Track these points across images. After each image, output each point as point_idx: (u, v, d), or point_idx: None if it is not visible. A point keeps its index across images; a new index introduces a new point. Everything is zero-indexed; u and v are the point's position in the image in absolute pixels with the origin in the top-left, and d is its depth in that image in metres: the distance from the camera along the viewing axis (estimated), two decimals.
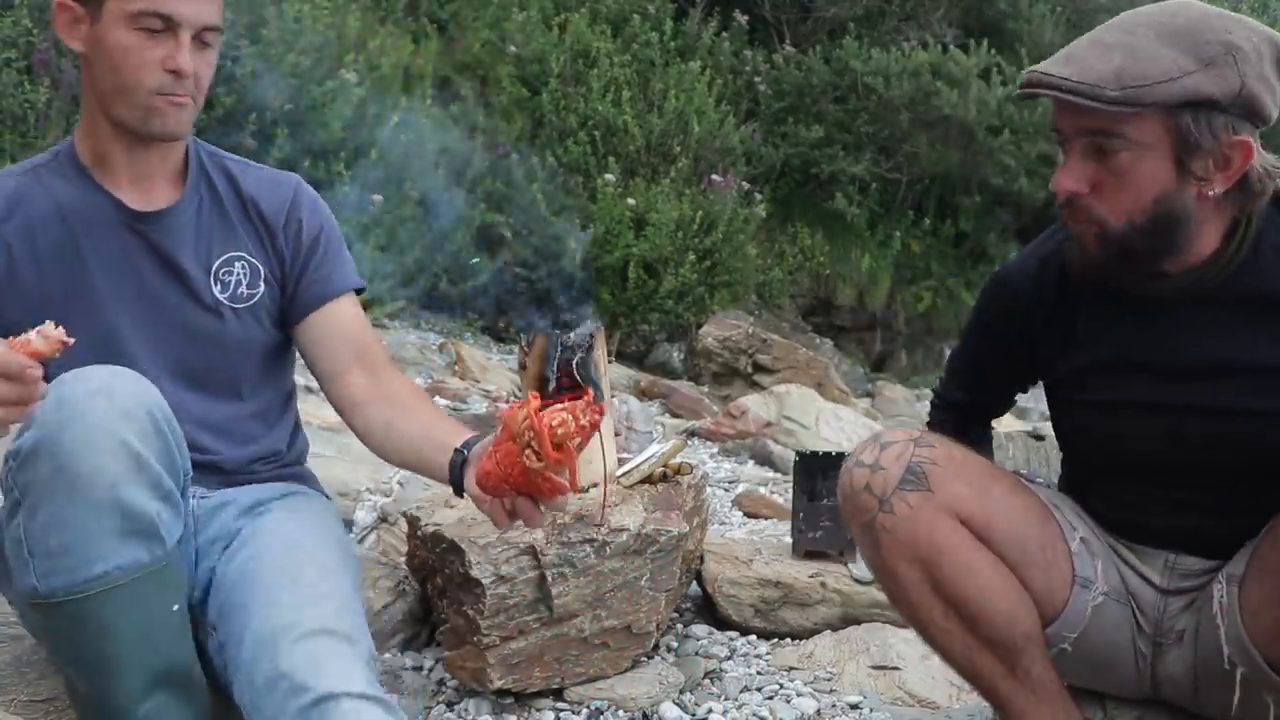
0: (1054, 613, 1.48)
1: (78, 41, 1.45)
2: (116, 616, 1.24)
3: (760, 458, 4.42)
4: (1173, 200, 1.32)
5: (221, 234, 1.58)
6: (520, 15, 7.60)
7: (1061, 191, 1.35)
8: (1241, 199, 1.35)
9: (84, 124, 1.51)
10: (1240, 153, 1.30)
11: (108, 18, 1.42)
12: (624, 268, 6.70)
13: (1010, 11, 9.44)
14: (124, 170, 1.52)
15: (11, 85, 4.65)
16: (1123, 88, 1.25)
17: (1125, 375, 1.45)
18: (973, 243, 9.39)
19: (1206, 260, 1.37)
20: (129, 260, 1.52)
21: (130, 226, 1.52)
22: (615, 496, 1.98)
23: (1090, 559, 1.50)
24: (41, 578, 1.22)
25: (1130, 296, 1.44)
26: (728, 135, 7.64)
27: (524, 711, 1.88)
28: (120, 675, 1.25)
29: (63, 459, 1.20)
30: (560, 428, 1.22)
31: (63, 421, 1.21)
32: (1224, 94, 1.26)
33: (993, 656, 1.45)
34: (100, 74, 1.45)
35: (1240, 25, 1.30)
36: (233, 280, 1.57)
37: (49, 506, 1.21)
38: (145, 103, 1.45)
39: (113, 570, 1.23)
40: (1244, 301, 1.37)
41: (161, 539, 1.27)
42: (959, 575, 1.41)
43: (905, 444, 1.46)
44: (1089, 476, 1.57)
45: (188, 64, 1.45)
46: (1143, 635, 1.49)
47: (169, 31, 1.43)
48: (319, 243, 1.64)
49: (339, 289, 1.65)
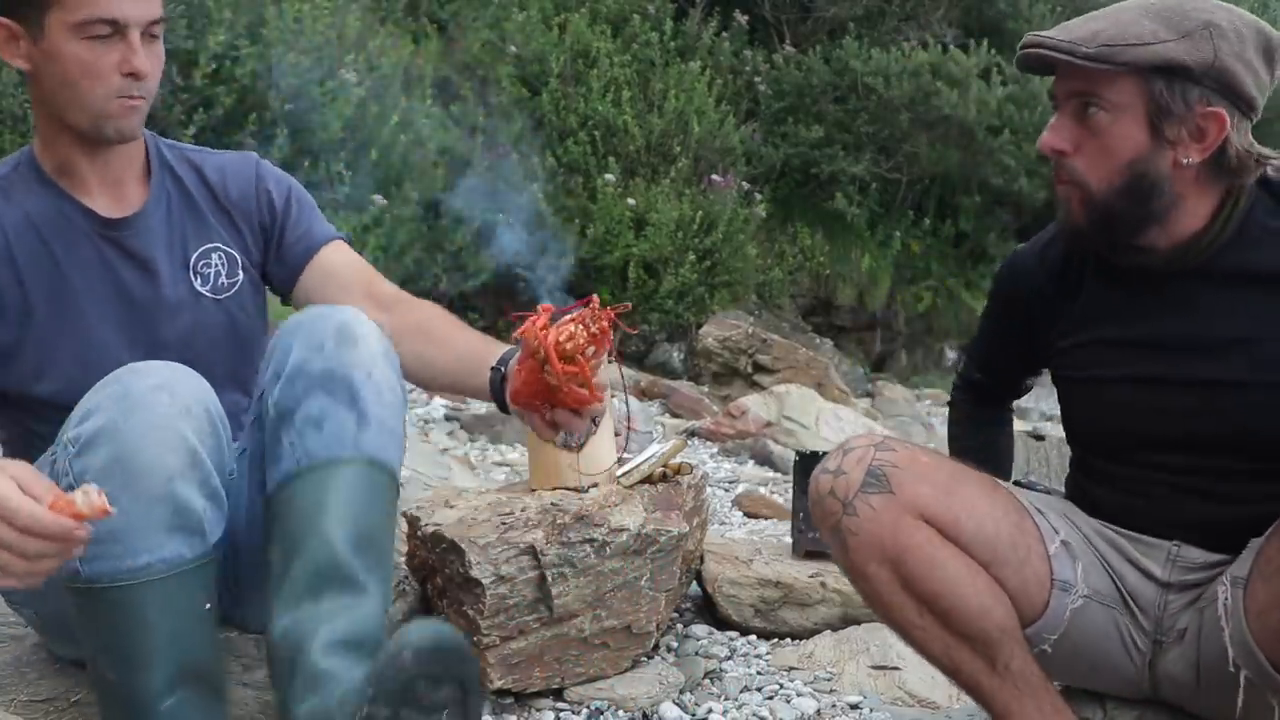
0: (1033, 614, 1.49)
1: (19, 59, 1.42)
2: (153, 609, 1.25)
3: (760, 458, 4.43)
4: (1147, 164, 1.38)
5: (194, 227, 1.58)
6: (520, 15, 7.60)
7: (1045, 147, 1.44)
8: (1224, 177, 1.41)
9: (41, 135, 1.49)
10: (1214, 125, 1.36)
11: (52, 31, 1.39)
12: (624, 268, 6.70)
13: (1010, 11, 9.44)
14: (91, 176, 1.50)
15: (11, 85, 4.64)
16: (1098, 46, 1.34)
17: (1116, 351, 1.49)
18: (973, 243, 9.39)
19: (1194, 236, 1.43)
20: (106, 267, 1.51)
21: (103, 235, 1.51)
22: (615, 496, 1.98)
23: (1071, 562, 1.51)
24: (86, 562, 1.22)
25: (1123, 273, 1.49)
26: (728, 135, 7.64)
27: (524, 711, 1.88)
28: (149, 668, 1.25)
29: (122, 449, 1.22)
30: (568, 342, 1.21)
31: (126, 413, 1.23)
32: (1196, 64, 1.33)
33: (971, 651, 1.47)
34: (52, 87, 1.42)
35: (1226, 10, 1.37)
36: (211, 272, 1.57)
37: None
38: (102, 109, 1.43)
39: (156, 562, 1.24)
40: (1231, 277, 1.42)
41: (204, 536, 1.28)
42: (927, 571, 1.43)
43: (866, 449, 1.49)
44: (1091, 461, 1.58)
45: (145, 65, 1.43)
46: (1141, 634, 1.50)
47: (117, 34, 1.40)
48: (290, 204, 1.64)
49: (321, 239, 1.65)
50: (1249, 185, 1.42)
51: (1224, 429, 1.42)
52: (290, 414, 1.35)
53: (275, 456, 1.37)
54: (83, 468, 1.22)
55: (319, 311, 1.43)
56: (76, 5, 1.37)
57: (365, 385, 1.36)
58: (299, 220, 1.65)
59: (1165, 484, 1.48)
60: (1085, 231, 1.45)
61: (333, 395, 1.35)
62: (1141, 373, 1.47)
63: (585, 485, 2.00)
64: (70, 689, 1.48)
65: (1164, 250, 1.44)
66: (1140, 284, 1.48)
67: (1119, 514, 1.54)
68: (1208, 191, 1.42)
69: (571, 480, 2.00)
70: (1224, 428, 1.42)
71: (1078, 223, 1.45)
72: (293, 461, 1.34)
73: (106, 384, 1.27)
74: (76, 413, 1.27)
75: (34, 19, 1.39)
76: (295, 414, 1.35)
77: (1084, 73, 1.37)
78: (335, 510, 1.32)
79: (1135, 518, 1.52)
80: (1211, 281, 1.43)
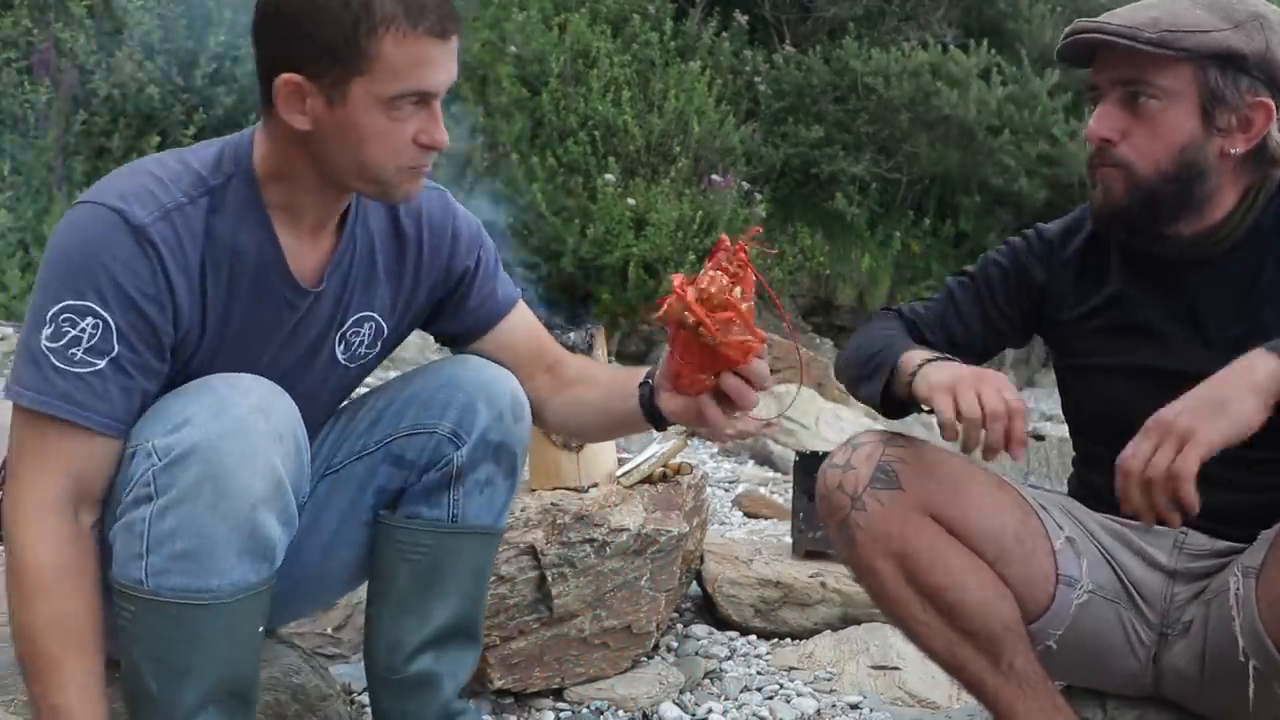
0: (1038, 610, 1.49)
1: (302, 118, 1.25)
2: (211, 629, 1.23)
3: (760, 458, 4.43)
4: (1197, 151, 1.41)
5: (361, 291, 1.43)
6: (520, 15, 7.60)
7: (1094, 137, 1.44)
8: (1259, 168, 1.44)
9: (279, 167, 1.31)
10: (1262, 114, 1.39)
11: (355, 101, 1.23)
12: (624, 268, 6.70)
13: (1010, 11, 9.44)
14: (309, 218, 1.35)
15: (11, 85, 4.65)
16: (1159, 32, 1.36)
17: (1120, 339, 1.51)
18: (973, 243, 9.38)
19: (1213, 226, 1.45)
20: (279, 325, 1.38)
21: (288, 300, 1.36)
22: (615, 496, 1.98)
23: (1076, 558, 1.51)
24: (153, 574, 1.20)
25: (1137, 262, 1.50)
26: (728, 135, 7.64)
27: (524, 711, 1.88)
28: (193, 682, 1.24)
29: (216, 470, 1.18)
30: (711, 287, 1.14)
31: (223, 434, 1.19)
32: (1251, 53, 1.37)
33: (974, 649, 1.47)
34: (335, 154, 1.27)
35: (1269, 5, 1.41)
36: (357, 341, 1.46)
37: (187, 510, 1.19)
38: (392, 179, 1.29)
39: (225, 585, 1.22)
40: (1240, 272, 1.44)
41: (272, 563, 1.27)
42: (932, 566, 1.44)
43: (875, 444, 1.49)
44: (1095, 450, 1.58)
45: (445, 137, 1.29)
46: (1146, 627, 1.50)
47: (422, 104, 1.26)
48: (479, 267, 1.52)
49: (504, 307, 1.56)
50: (1272, 181, 1.45)
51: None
52: (465, 474, 1.47)
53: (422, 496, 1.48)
54: (169, 481, 1.18)
55: (496, 373, 1.50)
56: (391, 77, 1.22)
57: (521, 460, 1.52)
58: (484, 283, 1.53)
59: None
60: (1126, 213, 1.45)
61: (499, 465, 1.48)
62: (1143, 362, 1.48)
63: (585, 485, 2.00)
64: None
65: (1185, 239, 1.45)
66: (1152, 274, 1.49)
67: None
68: (1239, 182, 1.44)
69: (571, 480, 2.00)
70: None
71: (1119, 204, 1.45)
72: (446, 513, 1.47)
73: (201, 391, 1.22)
74: (167, 415, 1.21)
75: (335, 82, 1.22)
76: (469, 476, 1.47)
77: (1136, 59, 1.38)
78: (481, 573, 1.53)
79: None
80: (1221, 275, 1.45)
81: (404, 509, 1.48)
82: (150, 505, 1.20)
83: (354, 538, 1.50)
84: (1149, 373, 1.47)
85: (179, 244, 1.25)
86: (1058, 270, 1.58)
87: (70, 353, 1.20)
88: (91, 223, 1.23)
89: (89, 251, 1.21)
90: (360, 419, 1.51)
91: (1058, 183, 8.44)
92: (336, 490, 1.49)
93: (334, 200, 1.36)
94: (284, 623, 1.65)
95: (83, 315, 1.21)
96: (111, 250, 1.21)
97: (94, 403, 1.21)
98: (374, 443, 1.49)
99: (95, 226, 1.22)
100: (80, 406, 1.21)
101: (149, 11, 5.63)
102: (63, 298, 1.20)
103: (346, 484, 1.49)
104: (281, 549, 1.28)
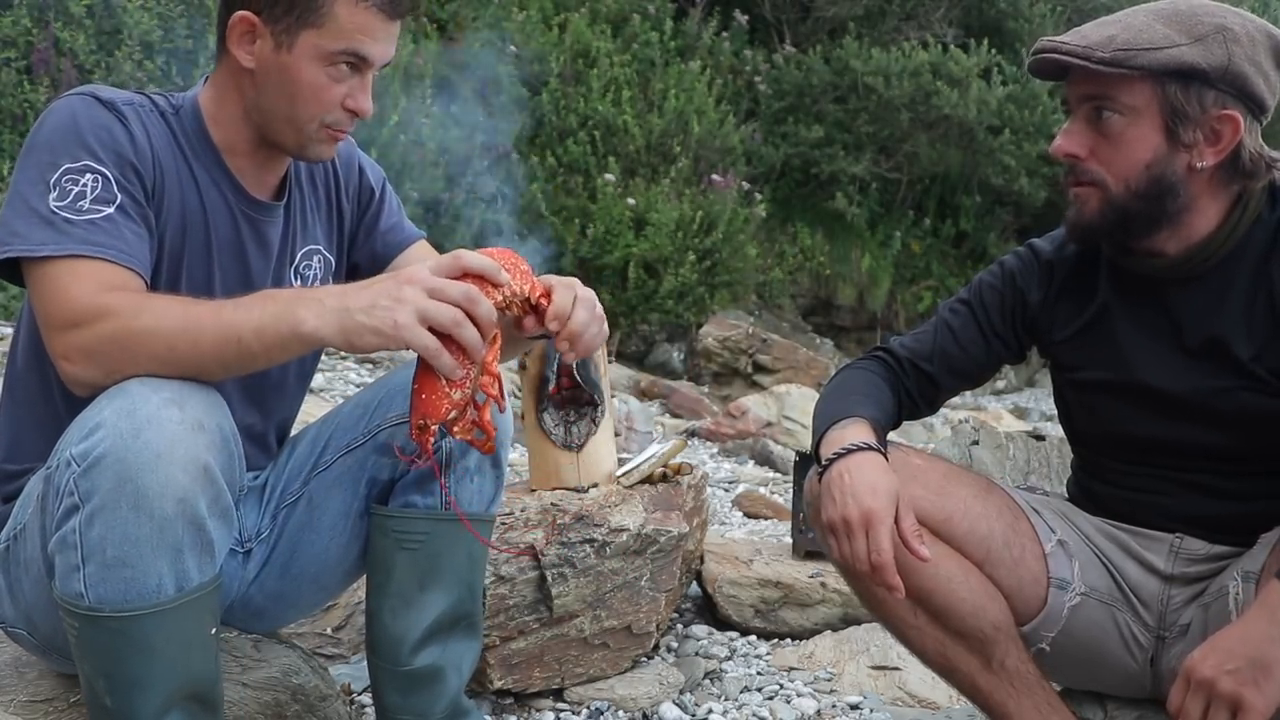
0: (1030, 612, 1.50)
1: (246, 54, 1.35)
2: (160, 636, 1.21)
3: (760, 458, 4.43)
4: (1164, 167, 1.39)
5: (304, 223, 1.53)
6: (520, 15, 7.61)
7: (1059, 153, 1.43)
8: (1237, 180, 1.41)
9: (222, 112, 1.41)
10: (1230, 127, 1.36)
11: (300, 49, 1.34)
12: (624, 268, 6.70)
13: (1010, 11, 9.46)
14: (248, 163, 1.44)
15: (11, 85, 4.65)
16: (1113, 51, 1.35)
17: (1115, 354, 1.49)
18: (973, 243, 9.40)
19: (1202, 241, 1.43)
20: (241, 248, 1.45)
21: (246, 213, 1.44)
22: (615, 496, 1.98)
23: (1068, 560, 1.51)
24: (91, 587, 1.18)
25: (1129, 278, 1.49)
26: (728, 135, 7.65)
27: (524, 712, 1.88)
28: (147, 694, 1.22)
29: (131, 469, 1.16)
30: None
31: (134, 431, 1.16)
32: (1211, 67, 1.34)
33: (965, 650, 1.47)
34: (272, 96, 1.37)
35: (1237, 15, 1.37)
36: (310, 275, 1.53)
37: (111, 516, 1.16)
38: (313, 134, 1.39)
39: (166, 588, 1.20)
40: (1231, 286, 1.42)
41: (214, 557, 1.24)
42: (919, 569, 1.43)
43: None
44: (1091, 458, 1.58)
45: (369, 106, 1.39)
46: (1144, 629, 1.50)
47: (356, 70, 1.36)
48: (385, 194, 1.61)
49: (412, 234, 1.64)
50: (1258, 191, 1.42)
51: (1219, 436, 1.42)
52: (454, 461, 1.48)
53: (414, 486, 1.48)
54: (89, 488, 1.16)
55: None
56: (337, 34, 1.33)
57: (506, 447, 1.52)
58: (390, 212, 1.62)
59: (1165, 480, 1.49)
60: (1100, 231, 1.44)
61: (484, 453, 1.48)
62: (1130, 379, 1.47)
63: (585, 485, 2.00)
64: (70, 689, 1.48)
65: (1173, 255, 1.44)
66: (1145, 289, 1.48)
67: (1119, 509, 1.54)
68: (1219, 195, 1.42)
69: (571, 480, 2.00)
70: (1220, 434, 1.42)
71: (1093, 222, 1.44)
72: (439, 500, 1.48)
73: (114, 395, 1.20)
74: (81, 424, 1.19)
75: (287, 28, 1.33)
76: (458, 463, 1.48)
77: (1098, 77, 1.37)
78: (477, 560, 1.53)
79: (1136, 512, 1.52)
80: (1206, 292, 1.43)
81: (397, 499, 1.48)
82: (78, 515, 1.17)
83: (350, 533, 1.50)
84: (1135, 389, 1.46)
85: (144, 128, 1.36)
86: (1051, 288, 1.57)
87: (79, 205, 1.27)
88: (68, 105, 1.32)
89: (74, 124, 1.30)
90: (345, 415, 1.53)
91: (1058, 183, 8.42)
92: (328, 487, 1.50)
93: (268, 153, 1.44)
94: (286, 624, 1.65)
95: (82, 174, 1.28)
96: (92, 119, 1.31)
97: (112, 241, 1.26)
98: (362, 435, 1.50)
99: (73, 105, 1.32)
100: (103, 246, 1.25)
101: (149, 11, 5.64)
102: (60, 163, 1.28)
103: (338, 480, 1.50)
104: (222, 544, 1.25)
